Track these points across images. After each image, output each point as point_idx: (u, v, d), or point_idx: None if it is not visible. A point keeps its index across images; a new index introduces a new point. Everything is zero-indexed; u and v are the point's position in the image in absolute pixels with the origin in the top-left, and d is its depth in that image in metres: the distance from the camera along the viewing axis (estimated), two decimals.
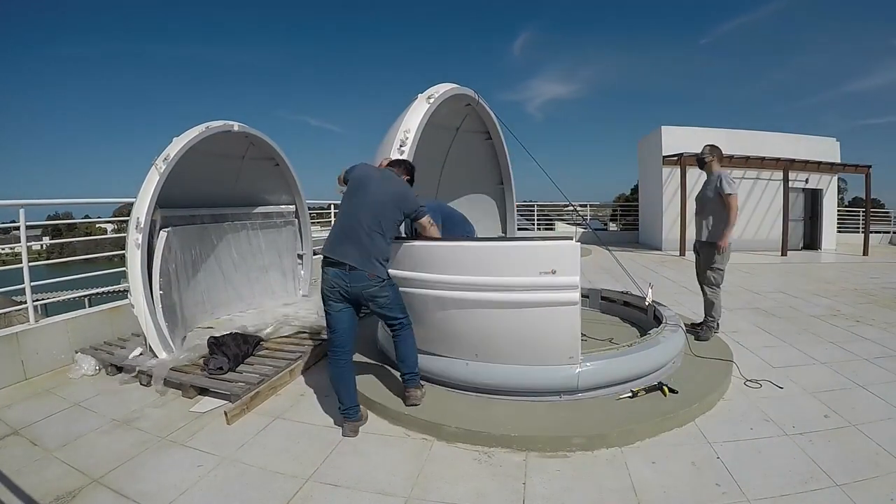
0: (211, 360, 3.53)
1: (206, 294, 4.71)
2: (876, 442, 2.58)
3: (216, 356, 3.57)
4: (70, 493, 2.26)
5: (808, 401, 3.13)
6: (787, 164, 11.75)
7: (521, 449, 2.57)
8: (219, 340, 3.76)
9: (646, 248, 13.29)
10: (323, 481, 2.35)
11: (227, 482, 2.35)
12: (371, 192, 2.79)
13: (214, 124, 4.16)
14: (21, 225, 3.89)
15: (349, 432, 2.76)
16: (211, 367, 3.48)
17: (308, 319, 4.56)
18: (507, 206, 5.57)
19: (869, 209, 13.02)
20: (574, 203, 14.51)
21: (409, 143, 3.36)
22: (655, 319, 4.13)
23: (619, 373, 3.04)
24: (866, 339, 4.45)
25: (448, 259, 2.95)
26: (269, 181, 5.42)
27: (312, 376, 3.70)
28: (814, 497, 2.15)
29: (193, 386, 3.35)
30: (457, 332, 3.05)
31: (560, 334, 2.87)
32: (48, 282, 4.81)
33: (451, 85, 3.95)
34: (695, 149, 12.08)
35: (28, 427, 2.94)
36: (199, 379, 3.40)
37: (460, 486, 2.30)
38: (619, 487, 2.25)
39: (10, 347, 3.65)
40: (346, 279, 2.69)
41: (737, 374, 3.47)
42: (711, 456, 2.49)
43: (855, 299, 6.30)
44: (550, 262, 2.75)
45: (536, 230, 16.06)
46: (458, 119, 4.96)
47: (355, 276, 2.68)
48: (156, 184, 3.66)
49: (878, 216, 17.58)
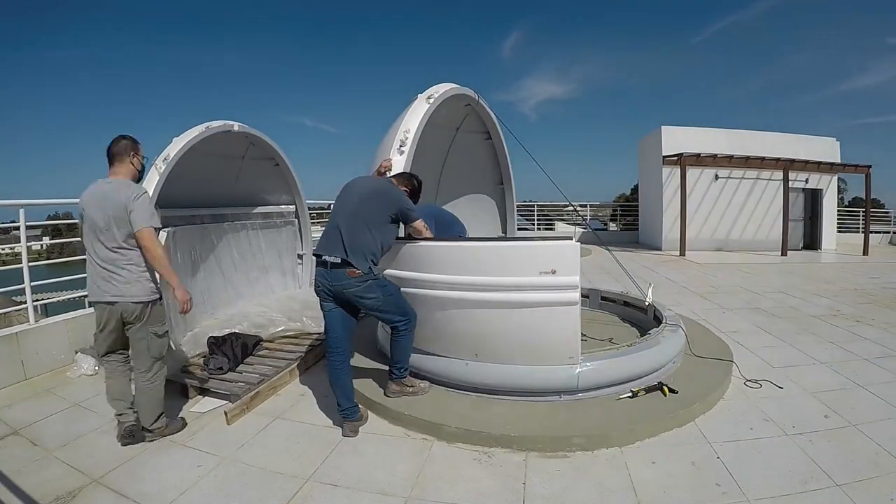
0: (211, 360, 3.53)
1: (206, 294, 4.71)
2: (876, 442, 2.58)
3: (216, 356, 3.57)
4: (70, 493, 2.26)
5: (808, 401, 3.13)
6: (787, 164, 11.75)
7: (521, 449, 2.57)
8: (218, 340, 3.76)
9: (646, 248, 13.29)
10: (323, 481, 2.34)
11: (227, 482, 2.35)
12: (351, 191, 2.85)
13: (214, 124, 4.16)
14: (21, 225, 3.88)
15: (349, 432, 2.76)
16: (211, 367, 3.48)
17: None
18: (507, 206, 5.57)
19: (869, 209, 13.02)
20: (574, 203, 14.51)
21: (408, 143, 3.36)
22: (655, 319, 4.13)
23: (619, 373, 3.04)
24: (866, 339, 4.45)
25: (448, 259, 2.95)
26: (269, 181, 5.42)
27: (312, 376, 3.70)
28: (814, 497, 2.15)
29: (193, 386, 3.35)
30: (457, 332, 3.05)
31: (560, 334, 2.87)
32: (48, 282, 4.81)
33: (451, 85, 3.95)
34: (695, 149, 12.19)
35: (28, 427, 2.94)
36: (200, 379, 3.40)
37: (460, 486, 2.30)
38: (619, 487, 2.25)
39: (10, 347, 3.65)
40: (328, 277, 2.72)
41: (737, 374, 3.47)
42: (711, 456, 2.49)
43: (855, 299, 6.30)
44: (550, 262, 2.75)
45: (536, 230, 16.06)
46: (458, 119, 4.96)
47: (335, 274, 2.69)
48: (156, 184, 3.65)
49: (878, 216, 17.58)
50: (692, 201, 12.18)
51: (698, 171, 12.32)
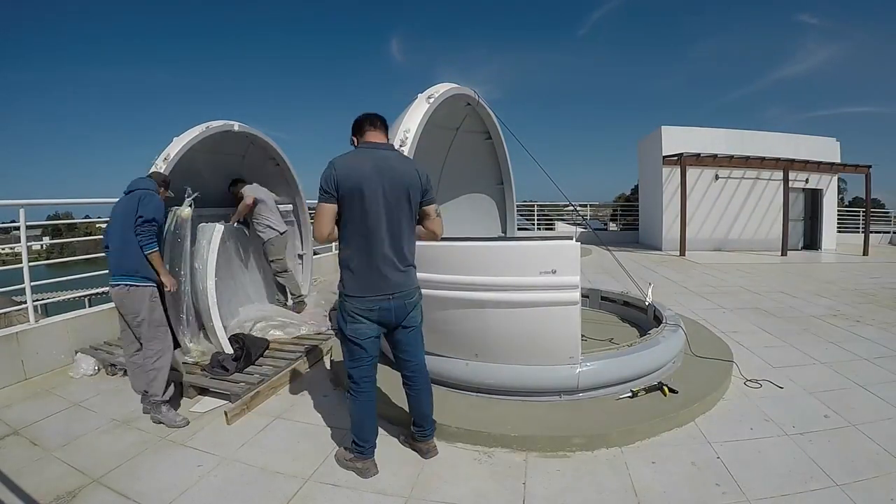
0: (215, 361, 3.52)
1: (223, 296, 4.68)
2: (876, 442, 2.58)
3: (221, 356, 3.56)
4: (70, 493, 2.26)
5: (808, 401, 3.13)
6: (787, 164, 11.75)
7: (521, 449, 2.57)
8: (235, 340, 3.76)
9: (646, 248, 13.29)
10: (323, 481, 2.35)
11: (227, 482, 2.35)
12: None
13: (214, 124, 4.17)
14: (21, 225, 3.89)
15: (375, 470, 2.39)
16: (214, 368, 3.47)
17: None
18: (507, 206, 5.57)
19: (869, 209, 13.02)
20: (574, 203, 14.51)
21: (408, 143, 3.36)
22: (655, 319, 4.13)
23: (619, 373, 3.04)
24: (866, 339, 4.45)
25: (448, 259, 2.94)
26: (270, 181, 5.42)
27: (312, 376, 3.70)
28: (814, 497, 2.15)
29: (194, 386, 3.35)
30: (457, 331, 3.05)
31: (560, 334, 2.87)
32: (48, 282, 4.81)
33: (451, 85, 3.95)
34: (695, 149, 12.17)
35: (28, 427, 2.94)
36: (200, 379, 3.39)
37: (460, 486, 2.30)
38: (619, 487, 2.25)
39: (10, 347, 3.65)
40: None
41: (737, 374, 3.47)
42: (711, 456, 2.49)
43: (855, 299, 6.30)
44: (550, 262, 2.75)
45: (536, 230, 16.07)
46: (458, 119, 4.96)
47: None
48: None
49: (878, 216, 17.59)
50: (692, 201, 12.19)
51: (698, 171, 12.33)
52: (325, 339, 4.25)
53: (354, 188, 2.17)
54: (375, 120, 2.39)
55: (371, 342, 2.31)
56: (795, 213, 13.09)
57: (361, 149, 2.33)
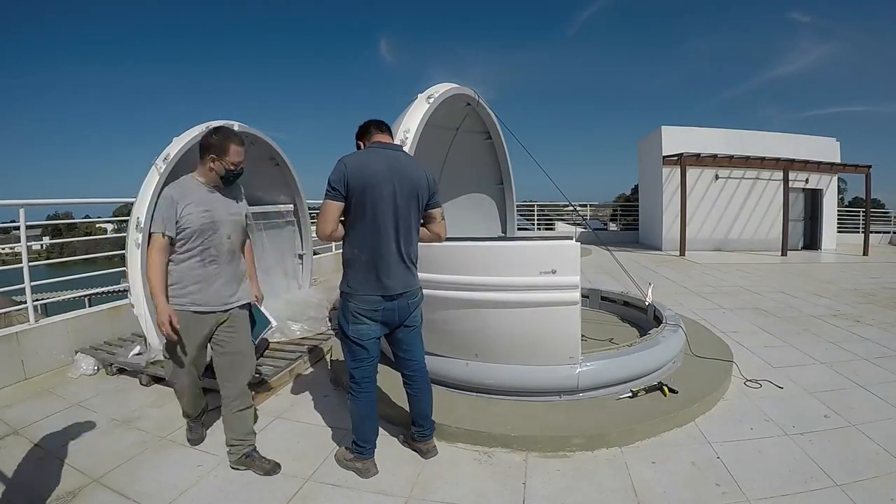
0: None
1: None
2: (876, 442, 2.59)
3: None
4: (70, 493, 2.26)
5: (808, 401, 3.13)
6: (787, 164, 11.76)
7: (521, 449, 2.57)
8: None
9: (646, 248, 13.30)
10: (323, 481, 2.34)
11: (227, 482, 2.35)
12: None
13: (214, 124, 4.16)
14: (21, 225, 3.88)
15: (374, 471, 2.39)
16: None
17: None
18: (507, 206, 5.57)
19: (869, 209, 13.02)
20: (574, 203, 14.52)
21: (408, 143, 3.36)
22: (655, 319, 4.13)
23: (619, 373, 3.04)
24: (866, 339, 4.46)
25: (448, 259, 2.94)
26: (269, 181, 5.41)
27: (312, 376, 3.70)
28: (814, 497, 2.15)
29: None
30: (457, 331, 3.05)
31: (560, 334, 2.87)
32: (48, 282, 4.80)
33: (451, 85, 3.96)
34: (694, 149, 12.17)
35: (28, 427, 2.93)
36: None
37: (460, 486, 2.30)
38: (619, 487, 2.26)
39: (10, 347, 3.65)
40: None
41: (737, 374, 3.47)
42: (711, 456, 2.49)
43: (855, 299, 6.31)
44: (550, 262, 2.75)
45: (536, 230, 16.08)
46: (458, 119, 4.96)
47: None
48: (156, 184, 3.65)
49: (877, 216, 17.59)
50: (692, 201, 12.20)
51: (698, 171, 12.34)
52: (325, 339, 4.25)
53: (367, 187, 2.17)
54: (381, 124, 2.44)
55: (373, 342, 2.32)
56: (795, 213, 13.09)
57: (372, 148, 2.34)
